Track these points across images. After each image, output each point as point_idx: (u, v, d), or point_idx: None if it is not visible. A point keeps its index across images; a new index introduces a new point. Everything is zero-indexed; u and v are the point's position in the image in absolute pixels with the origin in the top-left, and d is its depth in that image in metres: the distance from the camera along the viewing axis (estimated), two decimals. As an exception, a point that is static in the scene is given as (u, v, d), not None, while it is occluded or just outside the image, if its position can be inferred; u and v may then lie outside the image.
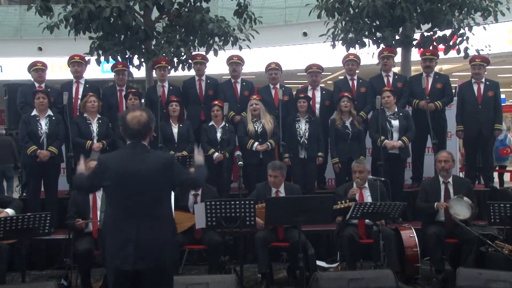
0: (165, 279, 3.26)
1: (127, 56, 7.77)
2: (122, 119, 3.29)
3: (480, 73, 6.74)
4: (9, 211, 4.79)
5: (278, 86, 6.84)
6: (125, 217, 3.15)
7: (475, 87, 6.75)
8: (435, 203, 5.24)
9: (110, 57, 7.58)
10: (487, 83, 6.78)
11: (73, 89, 6.66)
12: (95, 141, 6.09)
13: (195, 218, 4.91)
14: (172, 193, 3.38)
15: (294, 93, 7.11)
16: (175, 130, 6.29)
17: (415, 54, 8.25)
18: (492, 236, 5.13)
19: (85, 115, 6.21)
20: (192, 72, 7.29)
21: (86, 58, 7.11)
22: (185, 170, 3.49)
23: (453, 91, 7.09)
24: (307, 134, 6.33)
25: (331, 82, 13.43)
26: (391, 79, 6.89)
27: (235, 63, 6.94)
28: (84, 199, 5.12)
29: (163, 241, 3.18)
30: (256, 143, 6.23)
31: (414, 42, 7.95)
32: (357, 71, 7.05)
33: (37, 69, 6.61)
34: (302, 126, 6.36)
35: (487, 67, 6.91)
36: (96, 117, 6.21)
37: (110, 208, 3.25)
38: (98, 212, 4.98)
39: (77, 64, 6.71)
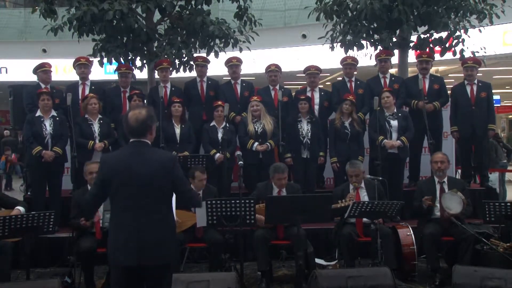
0: (166, 275, 3.30)
1: (129, 57, 7.79)
2: (124, 116, 3.34)
3: (472, 75, 6.82)
4: (21, 209, 4.82)
5: (277, 87, 6.91)
6: (127, 215, 3.18)
7: (468, 89, 6.83)
8: (422, 199, 5.30)
9: (113, 58, 7.63)
10: (480, 84, 6.87)
11: (79, 91, 6.74)
12: (97, 141, 6.14)
13: (196, 217, 4.96)
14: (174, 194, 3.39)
15: (293, 94, 7.19)
16: (177, 130, 6.36)
17: (412, 56, 8.31)
18: (487, 234, 5.19)
19: (86, 116, 6.26)
20: (193, 74, 7.36)
21: (90, 60, 7.19)
22: (185, 181, 3.47)
23: (449, 92, 7.18)
24: (309, 134, 6.39)
25: (329, 83, 13.49)
26: (388, 81, 6.97)
27: (234, 65, 7.01)
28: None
29: (165, 238, 3.21)
30: (256, 143, 6.31)
31: (411, 44, 7.96)
32: (355, 73, 7.12)
33: (45, 70, 6.69)
34: (304, 127, 6.43)
35: (482, 69, 7.00)
36: (98, 117, 6.26)
37: (113, 205, 3.27)
38: (101, 212, 4.92)
39: (83, 66, 6.79)
